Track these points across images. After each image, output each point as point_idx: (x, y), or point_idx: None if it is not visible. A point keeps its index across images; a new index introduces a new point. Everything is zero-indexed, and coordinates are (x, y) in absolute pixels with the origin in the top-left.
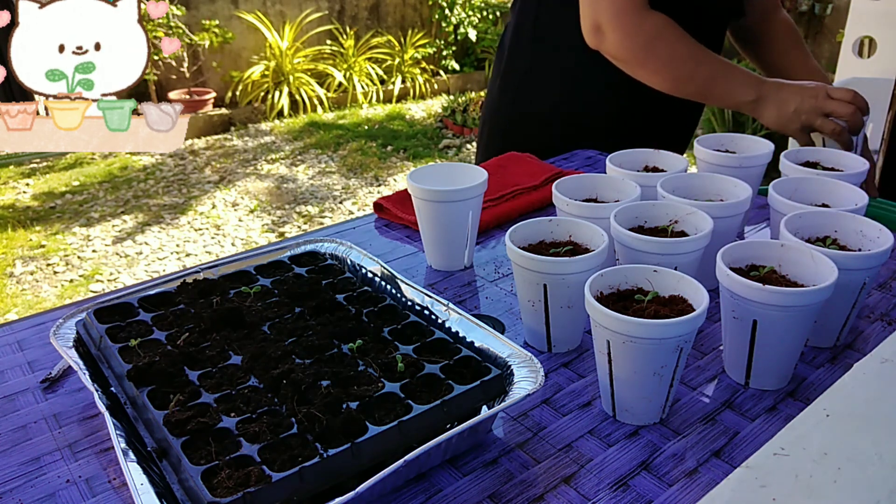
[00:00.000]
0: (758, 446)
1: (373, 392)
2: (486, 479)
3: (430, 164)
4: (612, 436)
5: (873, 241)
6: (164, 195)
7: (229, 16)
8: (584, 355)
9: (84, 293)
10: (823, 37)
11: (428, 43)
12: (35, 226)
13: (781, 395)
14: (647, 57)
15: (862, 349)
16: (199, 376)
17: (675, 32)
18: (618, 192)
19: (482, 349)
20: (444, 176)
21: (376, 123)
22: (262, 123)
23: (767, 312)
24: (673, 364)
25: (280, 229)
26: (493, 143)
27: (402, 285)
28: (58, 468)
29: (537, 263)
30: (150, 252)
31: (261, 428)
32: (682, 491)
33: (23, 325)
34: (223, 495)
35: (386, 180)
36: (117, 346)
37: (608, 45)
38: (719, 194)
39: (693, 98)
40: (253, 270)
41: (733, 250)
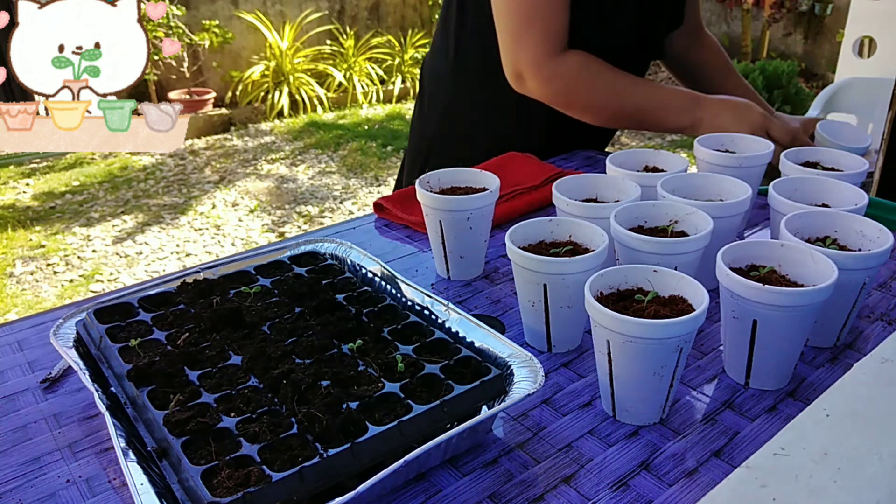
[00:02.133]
0: (758, 446)
1: (373, 392)
2: (486, 479)
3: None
4: (612, 436)
5: (873, 241)
6: (164, 195)
7: (229, 16)
8: (584, 355)
9: (84, 293)
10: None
11: (428, 43)
12: (35, 226)
13: (781, 395)
14: (568, 101)
15: (862, 349)
16: (199, 376)
17: (592, 72)
18: (618, 192)
19: (482, 349)
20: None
21: (376, 123)
22: (262, 123)
23: (767, 312)
24: (673, 364)
25: (280, 229)
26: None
27: (402, 285)
28: (58, 468)
29: (537, 263)
30: (150, 252)
31: (261, 428)
32: (682, 491)
33: (23, 325)
34: (223, 495)
35: (386, 180)
36: (117, 346)
37: (530, 91)
38: (719, 194)
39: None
40: (253, 270)
41: (733, 250)
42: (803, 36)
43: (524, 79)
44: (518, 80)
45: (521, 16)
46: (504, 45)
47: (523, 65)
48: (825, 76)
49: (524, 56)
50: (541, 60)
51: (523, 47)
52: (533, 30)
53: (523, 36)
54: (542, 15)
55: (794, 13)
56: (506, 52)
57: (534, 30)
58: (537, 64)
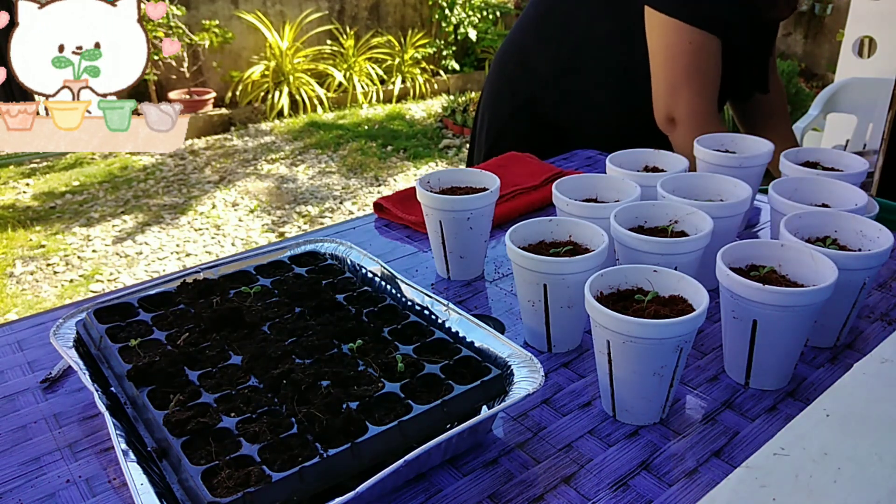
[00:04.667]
0: (758, 446)
1: (373, 392)
2: (486, 479)
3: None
4: (612, 436)
5: (873, 241)
6: (164, 195)
7: (229, 16)
8: (584, 355)
9: (84, 293)
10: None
11: (428, 43)
12: (35, 226)
13: (781, 395)
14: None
15: (862, 349)
16: (199, 376)
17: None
18: (618, 192)
19: (482, 349)
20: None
21: (376, 123)
22: (262, 123)
23: (767, 312)
24: (673, 364)
25: (280, 229)
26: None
27: (402, 285)
28: (58, 468)
29: (537, 263)
30: (150, 252)
31: (261, 428)
32: (682, 491)
33: (23, 325)
34: (223, 495)
35: (386, 180)
36: (117, 346)
37: (677, 137)
38: (719, 194)
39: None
40: (253, 270)
41: (733, 250)
42: (803, 36)
43: (675, 125)
44: (668, 123)
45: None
46: (662, 90)
47: (680, 112)
48: (825, 76)
49: (684, 104)
50: (698, 114)
51: (682, 96)
52: (692, 80)
53: (683, 85)
54: (704, 69)
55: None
56: (663, 96)
57: (693, 81)
58: (694, 116)
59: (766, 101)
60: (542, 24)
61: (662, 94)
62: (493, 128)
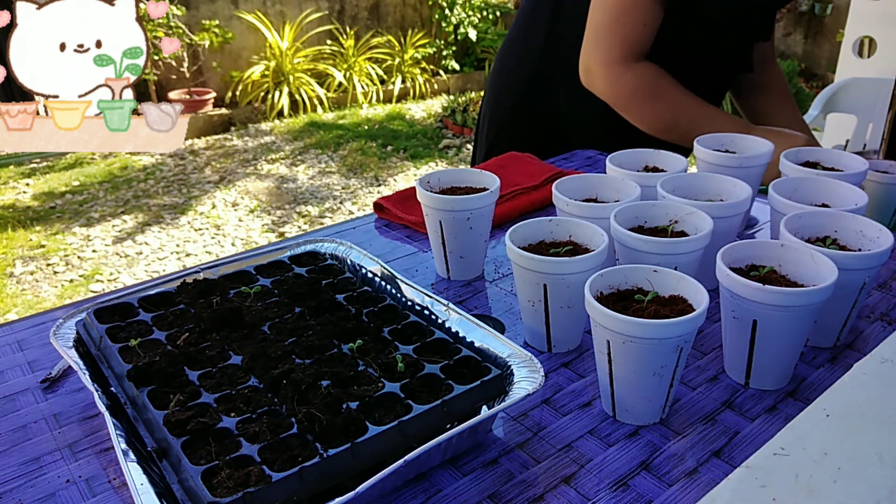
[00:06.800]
0: (758, 446)
1: (373, 392)
2: (486, 479)
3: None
4: (612, 436)
5: (873, 241)
6: (164, 195)
7: (229, 16)
8: (584, 355)
9: (84, 293)
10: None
11: (428, 43)
12: (35, 226)
13: (781, 395)
14: (626, 106)
15: (862, 349)
16: (199, 376)
17: (656, 85)
18: (618, 192)
19: (482, 349)
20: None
21: (376, 123)
22: (262, 123)
23: (767, 312)
24: (673, 364)
25: (280, 229)
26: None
27: (402, 285)
28: (58, 468)
29: (537, 263)
30: (150, 252)
31: (261, 428)
32: (682, 491)
33: (23, 325)
34: (223, 495)
35: (386, 180)
36: (117, 346)
37: (595, 89)
38: (719, 194)
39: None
40: (253, 270)
41: (733, 250)
42: (803, 36)
43: (592, 76)
44: (587, 75)
45: (607, 17)
46: (585, 41)
47: (593, 63)
48: (825, 76)
49: (597, 55)
50: (610, 63)
51: (600, 46)
52: (613, 33)
53: (603, 36)
54: (625, 22)
55: (794, 13)
56: (584, 47)
57: (613, 33)
58: (606, 65)
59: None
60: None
61: (585, 45)
62: (493, 127)
